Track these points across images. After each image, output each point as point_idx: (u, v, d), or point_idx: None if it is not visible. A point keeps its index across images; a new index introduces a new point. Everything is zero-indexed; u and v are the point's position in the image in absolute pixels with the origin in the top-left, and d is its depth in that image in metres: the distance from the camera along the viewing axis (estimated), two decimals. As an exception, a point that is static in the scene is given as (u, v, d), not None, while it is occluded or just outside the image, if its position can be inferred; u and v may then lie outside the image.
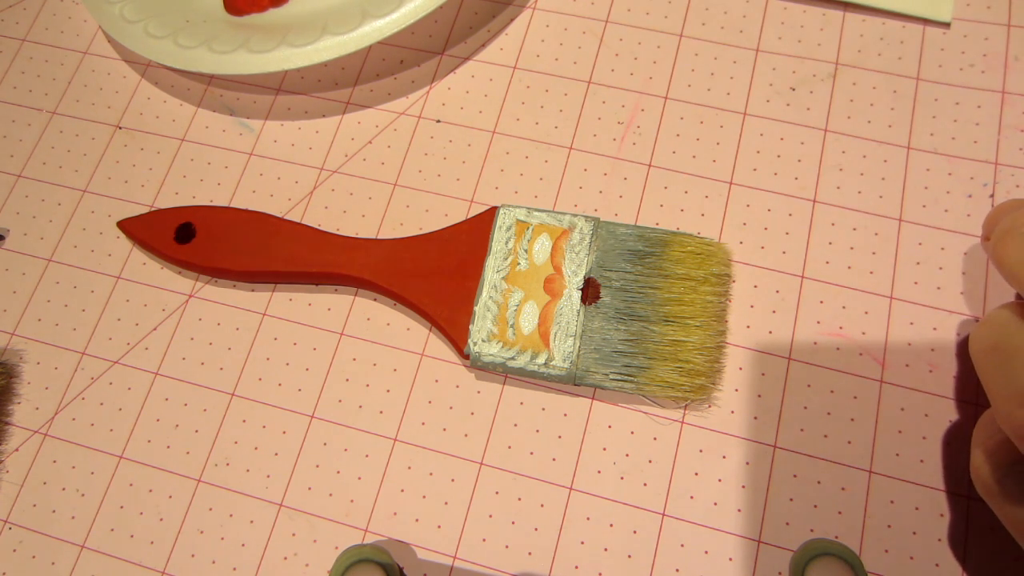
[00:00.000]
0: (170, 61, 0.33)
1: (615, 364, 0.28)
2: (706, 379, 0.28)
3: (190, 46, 0.33)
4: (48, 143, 0.36)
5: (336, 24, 0.33)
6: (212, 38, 0.33)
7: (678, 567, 0.27)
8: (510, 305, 0.29)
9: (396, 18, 0.32)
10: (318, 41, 0.32)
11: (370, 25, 0.32)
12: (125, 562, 0.29)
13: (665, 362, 0.28)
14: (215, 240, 0.32)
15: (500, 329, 0.29)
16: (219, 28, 0.34)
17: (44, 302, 0.33)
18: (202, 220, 0.32)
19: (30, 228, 0.34)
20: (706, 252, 0.30)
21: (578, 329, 0.29)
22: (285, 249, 0.31)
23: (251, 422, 0.30)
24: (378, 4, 0.33)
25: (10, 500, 0.30)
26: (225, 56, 0.33)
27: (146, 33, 0.34)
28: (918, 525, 0.27)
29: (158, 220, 0.33)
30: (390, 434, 0.30)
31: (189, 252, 0.32)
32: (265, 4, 0.36)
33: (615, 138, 0.33)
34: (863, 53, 0.33)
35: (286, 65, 0.32)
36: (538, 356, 0.29)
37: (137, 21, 0.34)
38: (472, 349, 0.29)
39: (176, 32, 0.34)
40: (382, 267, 0.31)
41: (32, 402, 0.31)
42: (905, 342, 0.29)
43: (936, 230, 0.31)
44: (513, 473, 0.29)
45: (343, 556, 0.27)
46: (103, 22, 0.34)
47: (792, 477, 0.28)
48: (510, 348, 0.29)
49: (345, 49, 0.32)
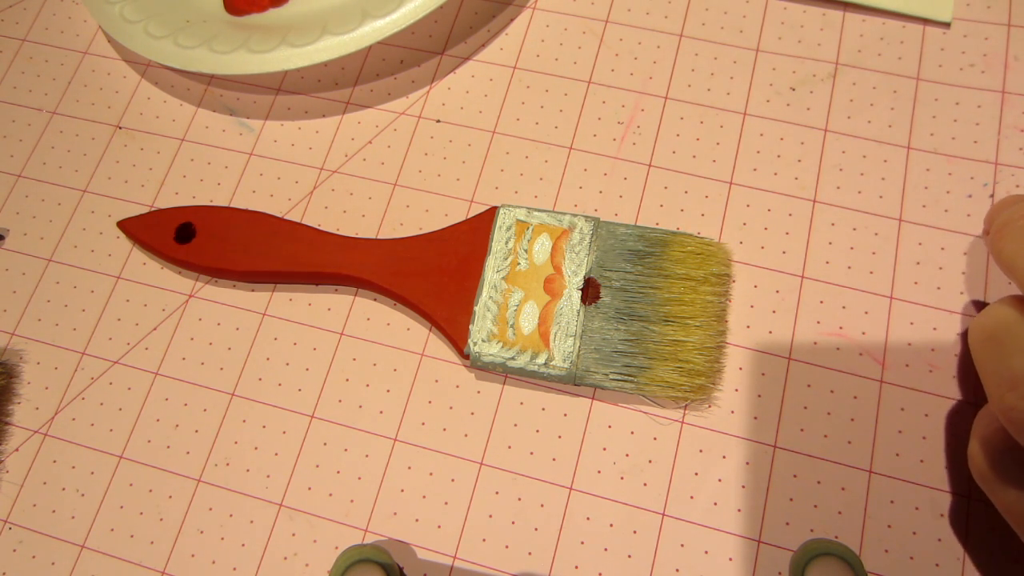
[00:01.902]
0: (170, 61, 0.33)
1: (615, 364, 0.28)
2: (706, 379, 0.28)
3: (190, 46, 0.33)
4: (48, 143, 0.36)
5: (336, 24, 0.33)
6: (212, 38, 0.33)
7: (678, 567, 0.27)
8: (510, 305, 0.29)
9: (396, 18, 0.32)
10: (318, 41, 0.32)
11: (370, 25, 0.32)
12: (125, 562, 0.29)
13: (665, 362, 0.28)
14: (215, 240, 0.32)
15: (500, 329, 0.29)
16: (219, 28, 0.34)
17: (44, 302, 0.33)
18: (202, 220, 0.32)
19: (30, 228, 0.34)
20: (706, 252, 0.30)
21: (578, 329, 0.29)
22: (285, 249, 0.31)
23: (251, 422, 0.30)
24: (378, 4, 0.33)
25: (10, 500, 0.30)
26: (225, 56, 0.33)
27: (146, 33, 0.34)
28: (918, 525, 0.27)
29: (158, 220, 0.33)
30: (390, 434, 0.30)
31: (189, 252, 0.32)
32: (265, 4, 0.36)
33: (615, 138, 0.33)
34: (863, 53, 0.33)
35: (286, 65, 0.32)
36: (538, 356, 0.29)
37: (137, 21, 0.34)
38: (472, 349, 0.29)
39: (176, 32, 0.34)
40: (382, 267, 0.31)
41: (32, 402, 0.31)
42: (905, 342, 0.29)
43: (936, 230, 0.31)
44: (513, 473, 0.29)
45: (343, 556, 0.27)
46: (103, 22, 0.34)
47: (792, 477, 0.28)
48: (510, 348, 0.29)
49: (345, 49, 0.32)
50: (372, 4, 0.33)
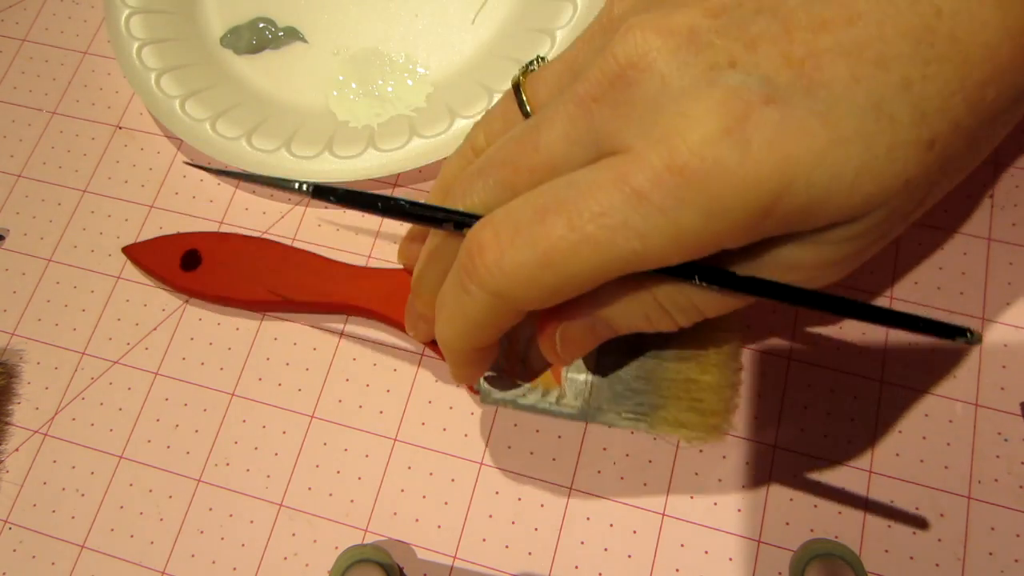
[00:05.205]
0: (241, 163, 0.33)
1: (628, 402, 0.27)
2: (721, 419, 0.27)
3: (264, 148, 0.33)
4: (48, 143, 0.36)
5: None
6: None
7: (678, 567, 0.27)
8: (520, 340, 0.28)
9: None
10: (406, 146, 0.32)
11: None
12: (125, 562, 0.29)
13: (679, 401, 0.27)
14: (222, 267, 0.31)
15: (510, 365, 0.28)
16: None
17: (44, 302, 0.33)
18: (208, 247, 0.32)
19: (30, 228, 0.34)
20: None
21: (590, 366, 0.28)
22: (292, 278, 0.31)
23: (251, 422, 0.30)
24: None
25: (10, 500, 0.30)
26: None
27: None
28: (918, 525, 0.27)
29: (163, 246, 0.32)
30: (390, 434, 0.30)
31: (195, 280, 0.31)
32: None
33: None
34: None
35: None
36: (549, 393, 0.27)
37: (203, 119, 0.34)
38: (483, 385, 0.28)
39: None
40: (390, 298, 0.30)
41: (32, 402, 0.31)
42: (906, 342, 0.29)
43: (936, 230, 0.31)
44: (513, 473, 0.29)
45: (343, 556, 0.27)
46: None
47: (792, 477, 0.28)
48: (521, 385, 0.28)
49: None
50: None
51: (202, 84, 0.34)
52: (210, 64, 0.35)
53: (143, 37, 0.35)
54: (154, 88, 0.34)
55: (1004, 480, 0.27)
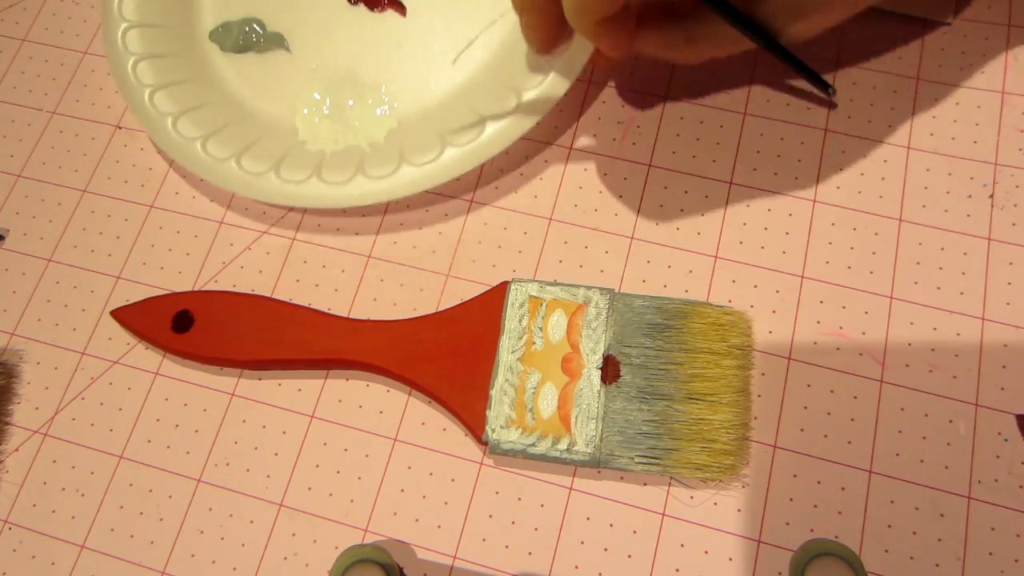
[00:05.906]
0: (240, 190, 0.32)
1: (640, 446, 0.27)
2: (736, 459, 0.27)
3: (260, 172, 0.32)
4: (48, 143, 0.36)
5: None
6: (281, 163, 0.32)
7: (678, 567, 0.27)
8: (527, 388, 0.28)
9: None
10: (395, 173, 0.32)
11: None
12: (125, 562, 0.29)
13: (692, 442, 0.27)
14: (215, 327, 0.30)
15: (519, 414, 0.28)
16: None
17: (44, 302, 0.33)
18: (199, 306, 0.31)
19: (30, 228, 0.34)
20: (727, 323, 0.29)
21: (600, 411, 0.28)
22: (289, 334, 0.30)
23: (251, 422, 0.30)
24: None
25: (10, 500, 0.30)
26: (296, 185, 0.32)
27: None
28: (918, 525, 0.27)
29: (153, 308, 0.31)
30: (390, 434, 0.30)
31: (188, 342, 0.30)
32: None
33: (615, 138, 0.33)
34: (864, 53, 0.33)
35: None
36: (559, 441, 0.27)
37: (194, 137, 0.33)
38: (491, 436, 0.28)
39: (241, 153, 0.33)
40: (392, 351, 0.29)
41: (32, 402, 0.31)
42: (905, 342, 0.29)
43: (936, 230, 0.31)
44: (513, 473, 0.29)
45: (343, 556, 0.27)
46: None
47: (792, 477, 0.28)
48: (530, 434, 0.28)
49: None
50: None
51: (179, 76, 0.34)
52: (192, 57, 0.35)
53: (132, 20, 0.34)
54: (130, 75, 0.34)
55: (1004, 480, 0.27)
